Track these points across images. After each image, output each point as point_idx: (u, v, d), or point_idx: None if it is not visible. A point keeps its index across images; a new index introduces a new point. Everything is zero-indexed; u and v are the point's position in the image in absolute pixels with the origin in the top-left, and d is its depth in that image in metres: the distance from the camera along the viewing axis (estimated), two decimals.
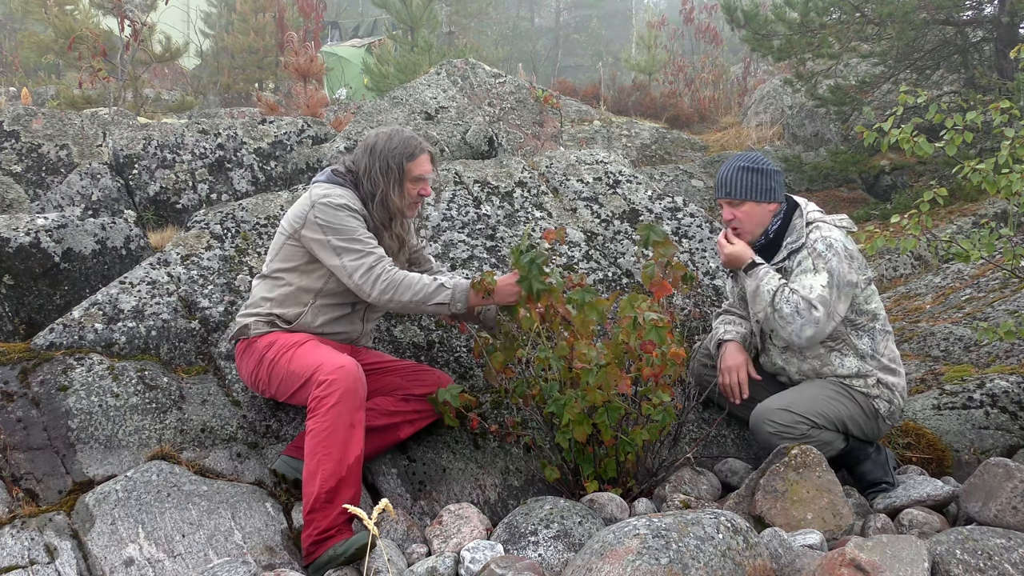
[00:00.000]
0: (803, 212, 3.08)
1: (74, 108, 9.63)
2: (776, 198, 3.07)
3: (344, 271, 2.79)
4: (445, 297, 2.82)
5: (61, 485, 2.69)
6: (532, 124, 5.63)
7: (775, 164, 3.11)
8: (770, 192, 3.05)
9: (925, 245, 6.76)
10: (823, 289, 2.90)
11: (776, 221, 3.09)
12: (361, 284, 2.78)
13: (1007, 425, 3.45)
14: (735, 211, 3.07)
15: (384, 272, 2.78)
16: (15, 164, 4.79)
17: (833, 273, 2.91)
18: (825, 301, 2.90)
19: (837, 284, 2.90)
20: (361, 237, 2.81)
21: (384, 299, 2.80)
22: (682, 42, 19.22)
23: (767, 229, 3.09)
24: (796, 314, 2.91)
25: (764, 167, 3.05)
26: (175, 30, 14.20)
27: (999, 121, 3.35)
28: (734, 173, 3.05)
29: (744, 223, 3.08)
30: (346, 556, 2.45)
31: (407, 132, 2.97)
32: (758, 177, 3.03)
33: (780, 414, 2.92)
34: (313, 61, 8.18)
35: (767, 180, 3.04)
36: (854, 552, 2.08)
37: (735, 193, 3.05)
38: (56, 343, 3.06)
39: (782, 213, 3.09)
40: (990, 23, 8.61)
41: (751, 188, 3.03)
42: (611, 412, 2.73)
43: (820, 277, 2.92)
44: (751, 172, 3.03)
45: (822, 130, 10.60)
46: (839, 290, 2.91)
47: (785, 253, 3.05)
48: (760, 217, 3.07)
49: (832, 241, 2.96)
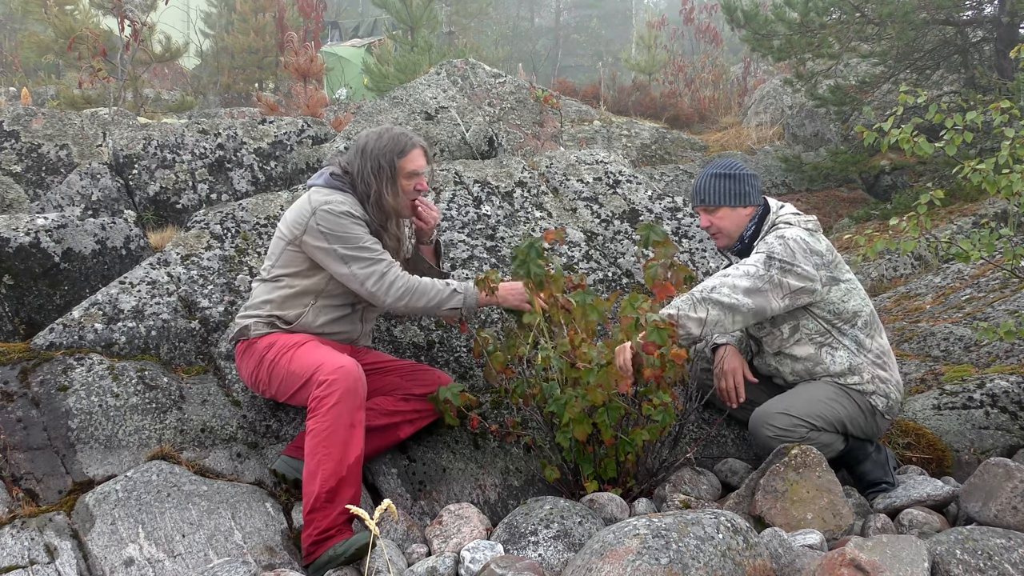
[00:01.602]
0: (773, 216, 3.12)
1: (74, 108, 9.63)
2: (751, 202, 3.11)
3: (355, 279, 2.80)
4: (458, 302, 2.86)
5: (61, 485, 2.69)
6: (532, 124, 5.63)
7: (749, 168, 3.16)
8: (744, 196, 3.10)
9: (925, 245, 6.76)
10: (754, 263, 2.94)
11: (751, 226, 3.13)
12: (375, 291, 2.80)
13: (1007, 425, 3.45)
14: (711, 218, 3.14)
15: (398, 278, 2.80)
16: (15, 164, 4.79)
17: (775, 256, 2.92)
18: (755, 267, 2.92)
19: (780, 266, 2.91)
20: (368, 244, 2.82)
21: (400, 305, 2.82)
22: (682, 42, 19.22)
23: (742, 234, 3.13)
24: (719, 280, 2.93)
25: (736, 172, 3.10)
26: (175, 30, 14.20)
27: (999, 121, 3.34)
28: (707, 180, 3.12)
29: (721, 228, 3.14)
30: (346, 556, 2.45)
31: (397, 129, 2.97)
32: (730, 183, 3.09)
33: (779, 417, 2.92)
34: (313, 61, 8.19)
35: (740, 185, 3.09)
36: (854, 552, 2.08)
37: (709, 199, 3.12)
38: (56, 343, 3.06)
39: (757, 217, 3.13)
40: (990, 23, 8.61)
41: (724, 193, 3.09)
42: (611, 412, 2.73)
43: (756, 256, 2.96)
44: (724, 178, 3.09)
45: (822, 130, 10.60)
46: (782, 272, 2.91)
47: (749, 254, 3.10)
48: (736, 221, 3.12)
49: (785, 235, 2.99)
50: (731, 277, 2.94)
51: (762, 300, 2.92)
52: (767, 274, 2.92)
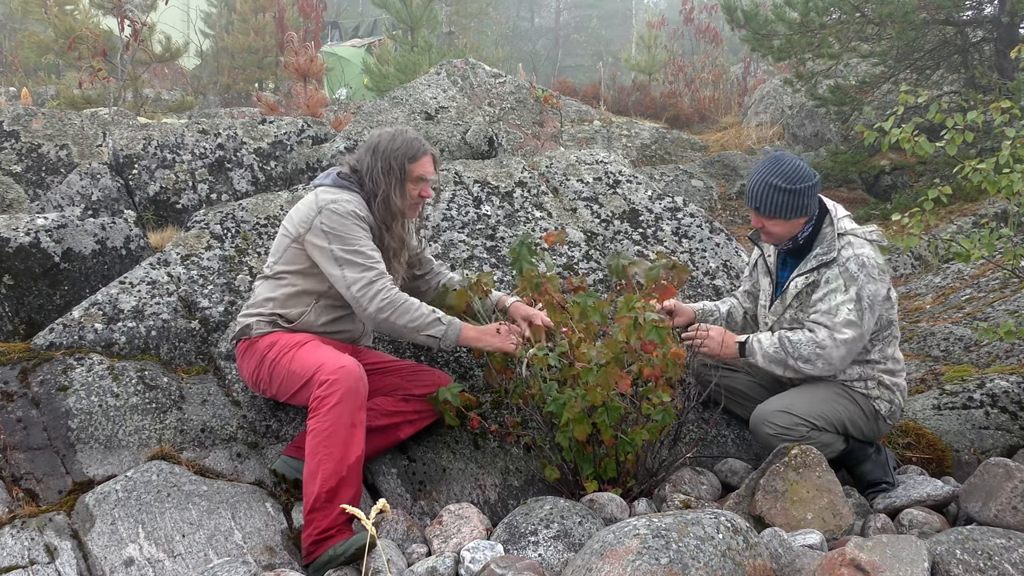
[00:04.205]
0: (834, 220, 3.02)
1: (74, 108, 9.63)
2: (810, 212, 3.00)
3: (343, 282, 2.78)
4: (438, 331, 2.80)
5: (61, 485, 2.69)
6: (532, 124, 5.63)
7: (810, 173, 2.98)
8: (802, 209, 2.97)
9: (925, 245, 6.76)
10: (849, 312, 2.88)
11: (807, 228, 3.03)
12: (358, 297, 2.77)
13: (1007, 425, 3.45)
14: (764, 222, 3.02)
15: (384, 290, 2.77)
16: (15, 164, 4.79)
17: (863, 295, 2.88)
18: (852, 324, 2.88)
19: (869, 305, 2.88)
20: (364, 249, 2.80)
21: (380, 317, 2.77)
22: (682, 42, 19.20)
23: (795, 236, 3.05)
24: (816, 354, 2.91)
25: (797, 187, 2.93)
26: (175, 30, 14.20)
27: (999, 121, 3.34)
28: (765, 190, 2.95)
29: (772, 232, 3.05)
30: (346, 556, 2.46)
31: (411, 133, 2.96)
32: (790, 197, 2.94)
33: (780, 416, 2.92)
34: (313, 61, 8.18)
35: (799, 199, 2.94)
36: (854, 552, 2.08)
37: (764, 210, 2.98)
38: (56, 343, 3.06)
39: (813, 219, 3.03)
40: (990, 23, 8.62)
41: (781, 207, 2.95)
42: (611, 411, 2.73)
43: (848, 299, 2.88)
44: (783, 192, 2.93)
45: (822, 130, 10.60)
46: (871, 310, 2.89)
47: (814, 263, 2.99)
48: (789, 229, 3.02)
49: (865, 259, 2.91)
50: (828, 350, 2.88)
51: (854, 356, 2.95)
52: (862, 324, 2.88)
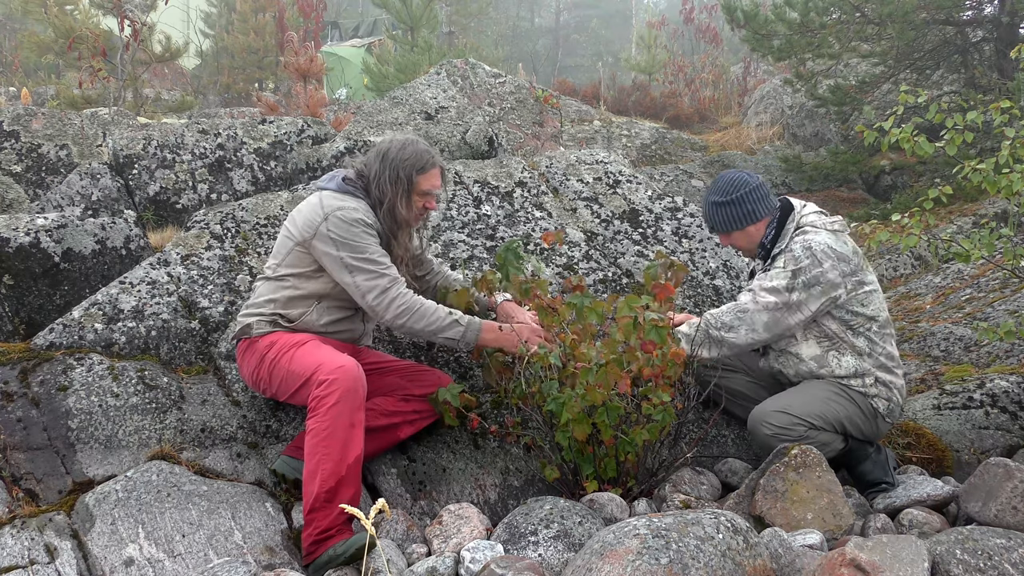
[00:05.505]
0: (796, 217, 3.09)
1: (74, 108, 9.63)
2: (760, 216, 3.09)
3: (357, 290, 2.80)
4: (456, 333, 2.85)
5: (61, 485, 2.69)
6: (532, 124, 5.63)
7: (746, 180, 3.08)
8: (750, 215, 3.08)
9: (925, 245, 6.76)
10: (777, 281, 2.94)
11: (770, 231, 3.11)
12: (374, 305, 2.80)
13: (1007, 425, 3.45)
14: (727, 239, 3.17)
15: (400, 296, 2.80)
16: (15, 164, 4.79)
17: (801, 271, 2.92)
18: (776, 291, 2.94)
19: (805, 283, 2.92)
20: (375, 256, 2.81)
21: (398, 323, 2.82)
22: (682, 42, 19.21)
23: (762, 242, 3.12)
24: (738, 318, 2.98)
25: (734, 196, 3.06)
26: (175, 30, 14.20)
27: (999, 121, 3.35)
28: (710, 209, 3.14)
29: (740, 247, 3.18)
30: (346, 556, 2.46)
31: (422, 144, 2.96)
32: (731, 209, 3.08)
33: (778, 416, 2.92)
34: (313, 61, 8.17)
35: (741, 207, 3.07)
36: (854, 552, 2.08)
37: (716, 228, 3.16)
38: (56, 343, 3.06)
39: (775, 221, 3.11)
40: (990, 23, 8.62)
41: (729, 220, 3.10)
42: (611, 411, 2.73)
43: (782, 272, 2.96)
44: (724, 206, 3.09)
45: (822, 130, 10.60)
46: (806, 288, 2.92)
47: (772, 259, 3.09)
48: (752, 236, 3.12)
49: (813, 244, 2.96)
50: (750, 313, 2.94)
51: (783, 327, 2.96)
52: (789, 297, 2.92)
